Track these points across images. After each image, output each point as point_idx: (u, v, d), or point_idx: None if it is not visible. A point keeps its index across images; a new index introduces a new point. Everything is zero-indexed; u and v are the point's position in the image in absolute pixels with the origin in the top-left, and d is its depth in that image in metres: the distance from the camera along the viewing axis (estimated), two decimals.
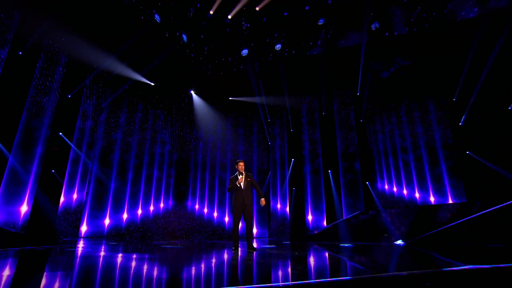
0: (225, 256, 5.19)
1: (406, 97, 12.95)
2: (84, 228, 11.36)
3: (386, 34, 10.85)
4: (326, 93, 13.46)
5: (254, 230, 13.44)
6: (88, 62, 11.17)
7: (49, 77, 10.51)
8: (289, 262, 4.30)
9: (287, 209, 13.30)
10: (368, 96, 12.93)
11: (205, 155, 14.40)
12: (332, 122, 13.42)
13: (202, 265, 3.94)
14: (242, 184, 6.10)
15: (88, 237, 11.37)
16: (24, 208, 9.53)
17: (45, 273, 3.43)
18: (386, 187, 12.60)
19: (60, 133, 10.58)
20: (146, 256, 5.14)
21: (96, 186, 11.85)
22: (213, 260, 4.58)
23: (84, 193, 11.28)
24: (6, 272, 3.42)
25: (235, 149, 14.62)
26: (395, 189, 12.48)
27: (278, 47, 11.30)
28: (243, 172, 6.22)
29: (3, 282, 2.77)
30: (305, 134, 13.81)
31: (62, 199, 10.56)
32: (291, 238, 12.41)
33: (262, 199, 6.16)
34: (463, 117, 11.04)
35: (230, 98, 14.59)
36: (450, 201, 11.19)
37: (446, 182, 11.48)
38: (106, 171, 12.18)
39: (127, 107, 13.00)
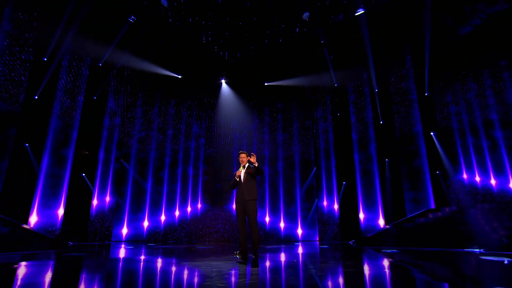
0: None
1: (491, 59, 9.86)
2: (124, 231, 11.06)
3: None
4: (379, 65, 11.04)
5: (299, 231, 11.80)
6: (112, 61, 10.75)
7: (74, 80, 10.27)
8: None
9: (335, 206, 11.35)
10: (436, 62, 10.19)
11: (241, 149, 13.13)
12: (387, 99, 10.97)
13: None
14: (242, 177, 5.17)
15: (129, 240, 10.94)
16: (61, 211, 9.41)
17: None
18: (465, 176, 9.83)
19: (88, 136, 10.31)
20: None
21: (133, 187, 11.46)
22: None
23: (116, 196, 10.87)
24: None
25: (274, 140, 13.07)
26: (477, 178, 9.66)
27: (305, 15, 9.39)
28: (246, 165, 5.29)
29: None
30: (354, 116, 11.62)
31: (95, 202, 10.27)
32: (342, 240, 10.51)
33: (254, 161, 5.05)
34: None
35: (266, 84, 13.07)
36: None
37: None
38: (141, 170, 11.68)
39: (157, 104, 12.34)
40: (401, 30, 10.23)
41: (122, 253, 6.96)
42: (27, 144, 9.03)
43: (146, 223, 11.40)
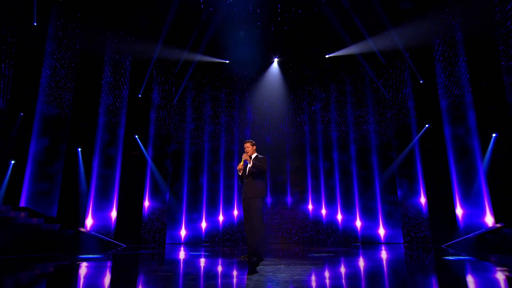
0: None
1: None
2: (183, 233, 10.35)
3: None
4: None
5: (381, 232, 9.79)
6: (153, 56, 10.23)
7: (118, 78, 10.03)
8: None
9: (422, 199, 9.03)
10: None
11: (303, 136, 11.53)
12: (491, 50, 8.06)
13: None
14: (246, 171, 4.63)
15: (188, 243, 10.32)
16: (114, 214, 9.31)
17: None
18: None
19: (135, 134, 10.00)
20: None
21: (187, 185, 10.72)
22: None
23: (169, 195, 10.35)
24: None
25: (342, 121, 11.16)
26: None
27: None
28: (253, 155, 4.74)
29: None
30: (442, 82, 9.03)
31: (147, 203, 9.93)
32: (434, 242, 8.33)
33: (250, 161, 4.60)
34: None
35: (327, 56, 11.18)
36: None
37: None
38: (194, 166, 11.01)
39: (206, 94, 11.46)
40: None
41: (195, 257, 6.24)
42: (79, 149, 9.08)
43: (204, 224, 10.54)
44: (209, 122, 11.30)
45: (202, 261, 5.03)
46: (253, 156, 4.72)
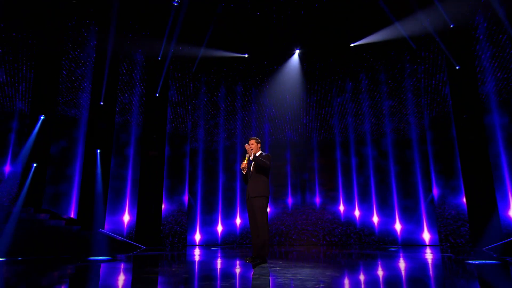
0: None
1: None
2: (197, 237, 9.92)
3: None
4: None
5: (426, 236, 8.87)
6: (170, 52, 9.97)
7: (134, 78, 9.88)
8: None
9: (464, 199, 8.09)
10: None
11: (327, 131, 10.88)
12: None
13: None
14: (250, 169, 4.54)
15: (203, 245, 9.97)
16: (126, 217, 9.16)
17: None
18: None
19: (152, 133, 9.79)
20: None
21: (203, 185, 10.37)
22: None
23: (188, 196, 10.05)
24: None
25: (373, 112, 10.39)
26: None
27: None
28: (258, 153, 4.59)
29: None
30: (483, 66, 8.08)
31: (164, 205, 9.69)
32: (474, 245, 7.49)
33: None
34: None
35: (352, 45, 10.46)
36: None
37: None
38: (211, 165, 10.66)
39: (224, 90, 11.08)
40: None
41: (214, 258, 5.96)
42: (98, 150, 9.03)
43: (220, 228, 10.07)
44: (228, 118, 10.92)
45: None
46: (257, 154, 4.60)
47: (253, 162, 4.54)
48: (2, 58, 8.49)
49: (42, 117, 8.82)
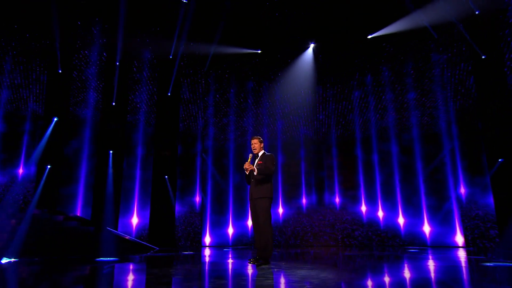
0: None
1: None
2: (207, 240, 9.71)
3: None
4: None
5: (459, 239, 8.21)
6: (181, 51, 9.81)
7: (146, 78, 9.78)
8: None
9: (487, 197, 7.53)
10: None
11: (344, 126, 10.45)
12: None
13: None
14: (253, 170, 4.36)
15: (214, 246, 9.76)
16: (135, 220, 9.08)
17: None
18: None
19: (165, 133, 9.64)
20: None
21: (214, 185, 10.12)
22: None
23: (201, 196, 9.86)
24: None
25: (395, 107, 9.88)
26: None
27: None
28: (260, 153, 4.51)
29: None
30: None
31: (177, 206, 9.54)
32: (501, 245, 6.94)
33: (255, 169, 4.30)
34: None
35: (369, 37, 9.98)
36: None
37: None
38: (224, 164, 10.44)
39: (236, 87, 10.82)
40: None
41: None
42: (110, 151, 8.98)
43: (231, 230, 9.79)
44: (240, 116, 10.67)
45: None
46: (260, 154, 4.52)
47: (256, 160, 4.43)
48: (16, 60, 8.54)
49: (55, 119, 8.84)
